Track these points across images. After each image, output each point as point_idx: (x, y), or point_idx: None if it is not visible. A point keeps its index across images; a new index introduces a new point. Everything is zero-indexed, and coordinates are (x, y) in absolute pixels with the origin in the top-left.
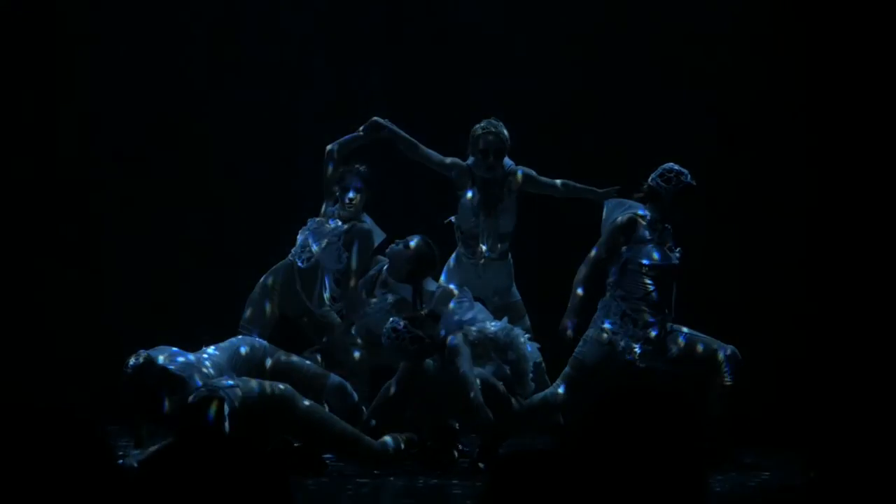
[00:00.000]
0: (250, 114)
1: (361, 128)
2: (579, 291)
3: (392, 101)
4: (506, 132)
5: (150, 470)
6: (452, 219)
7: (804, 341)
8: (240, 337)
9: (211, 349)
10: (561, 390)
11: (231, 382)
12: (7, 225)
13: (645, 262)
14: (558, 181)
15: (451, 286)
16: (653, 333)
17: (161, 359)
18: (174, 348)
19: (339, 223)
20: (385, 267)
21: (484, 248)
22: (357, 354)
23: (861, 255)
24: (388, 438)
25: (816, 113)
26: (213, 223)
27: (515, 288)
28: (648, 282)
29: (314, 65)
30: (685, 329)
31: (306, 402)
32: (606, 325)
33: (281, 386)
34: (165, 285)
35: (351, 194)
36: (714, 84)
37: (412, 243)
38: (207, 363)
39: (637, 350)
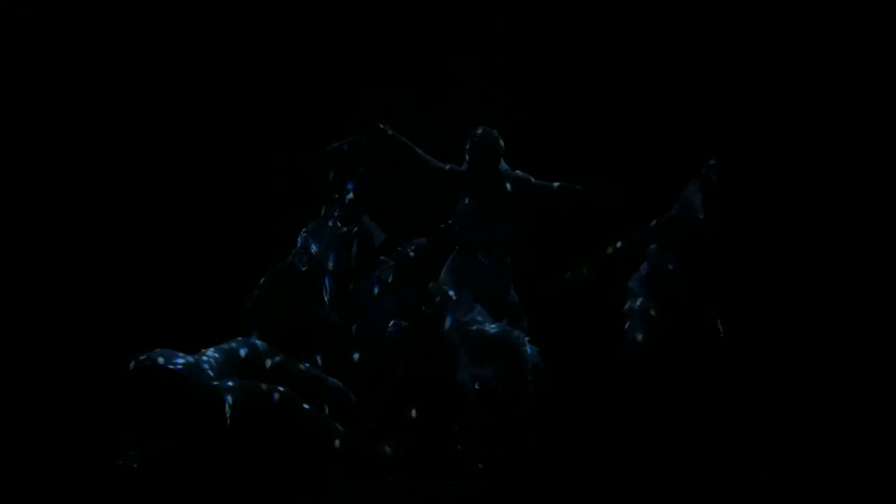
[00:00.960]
0: (251, 114)
1: (362, 131)
2: None
3: (392, 103)
4: (501, 140)
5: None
6: (450, 222)
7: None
8: (239, 339)
9: (210, 351)
10: None
11: (231, 384)
12: (5, 223)
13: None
14: (555, 184)
15: (450, 289)
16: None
17: (161, 360)
18: (174, 350)
19: (339, 225)
20: (385, 268)
21: (479, 253)
22: (357, 356)
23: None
24: (387, 443)
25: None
26: (212, 224)
27: (514, 290)
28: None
29: (316, 66)
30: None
31: (305, 405)
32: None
33: (280, 388)
34: (165, 286)
35: (351, 196)
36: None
37: (413, 246)
38: (207, 365)
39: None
